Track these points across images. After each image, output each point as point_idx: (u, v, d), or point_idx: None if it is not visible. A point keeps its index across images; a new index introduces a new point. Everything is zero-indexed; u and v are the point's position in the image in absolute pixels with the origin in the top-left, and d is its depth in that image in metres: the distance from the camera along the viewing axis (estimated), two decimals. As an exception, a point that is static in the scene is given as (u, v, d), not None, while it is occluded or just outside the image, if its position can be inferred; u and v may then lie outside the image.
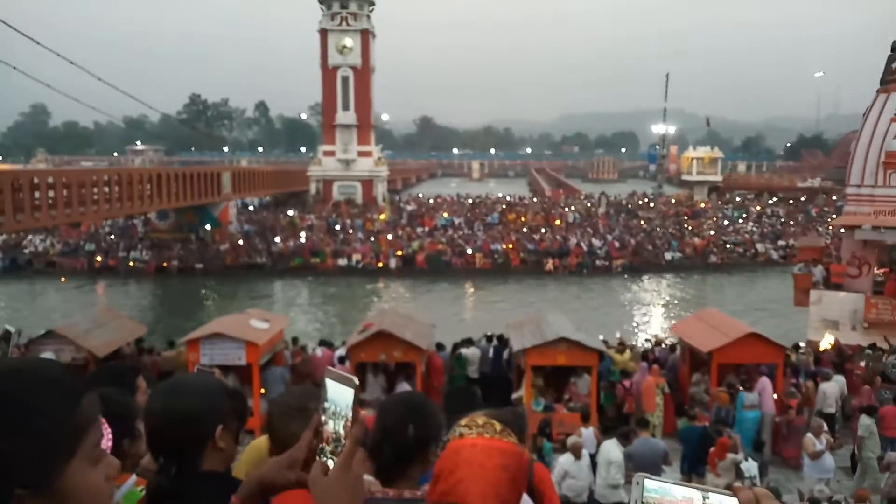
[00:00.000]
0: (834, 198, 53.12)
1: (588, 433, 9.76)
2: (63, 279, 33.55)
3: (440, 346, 14.58)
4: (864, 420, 10.02)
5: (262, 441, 3.00)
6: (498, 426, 1.63)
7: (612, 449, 8.56)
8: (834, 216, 39.82)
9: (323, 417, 1.29)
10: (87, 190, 27.70)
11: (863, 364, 13.63)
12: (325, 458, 1.27)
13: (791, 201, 56.90)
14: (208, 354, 12.01)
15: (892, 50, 19.31)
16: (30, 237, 37.43)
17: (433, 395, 12.63)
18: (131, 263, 35.22)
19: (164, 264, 34.82)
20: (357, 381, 1.29)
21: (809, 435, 9.35)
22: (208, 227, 38.80)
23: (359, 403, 1.28)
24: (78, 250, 36.75)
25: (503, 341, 14.63)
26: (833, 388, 12.43)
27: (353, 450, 1.23)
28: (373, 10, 51.18)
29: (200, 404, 1.99)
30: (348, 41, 49.85)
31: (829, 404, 12.23)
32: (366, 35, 50.17)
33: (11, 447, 1.04)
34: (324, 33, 49.99)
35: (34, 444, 1.06)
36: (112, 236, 39.39)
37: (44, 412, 1.08)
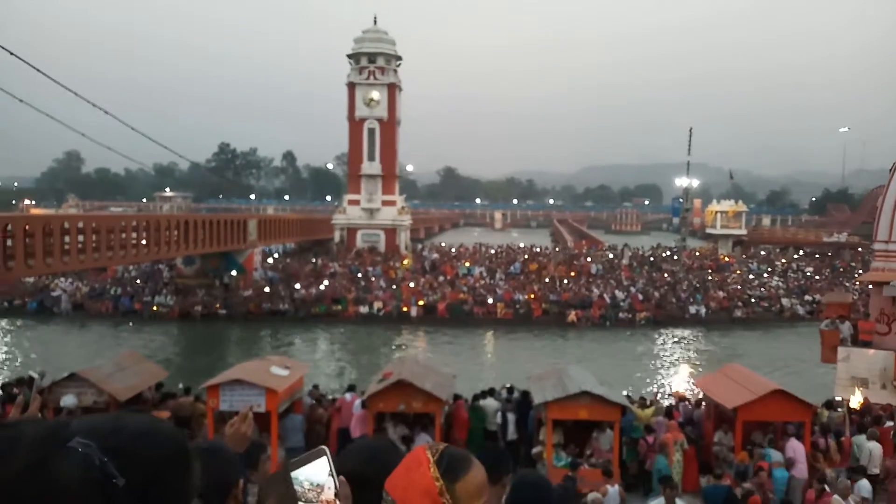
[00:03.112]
0: (861, 250, 52.41)
1: (614, 491, 9.57)
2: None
3: (458, 397, 14.40)
4: None
5: None
6: (440, 446, 1.70)
7: None
8: (861, 272, 39.27)
9: None
10: (115, 235, 28.23)
11: (892, 424, 13.26)
12: None
13: (817, 256, 56.24)
14: (228, 400, 12.02)
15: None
16: (57, 280, 37.99)
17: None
18: (155, 308, 35.56)
19: (188, 309, 35.13)
20: (326, 448, 1.33)
21: (836, 497, 9.08)
22: (233, 273, 39.18)
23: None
24: (104, 294, 37.22)
25: (527, 395, 14.41)
26: (878, 448, 11.89)
27: None
28: (400, 64, 52.30)
29: None
30: (375, 94, 50.84)
31: (875, 465, 11.75)
32: (392, 89, 51.17)
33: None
34: (352, 87, 51.09)
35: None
36: (138, 281, 39.89)
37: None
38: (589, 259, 47.28)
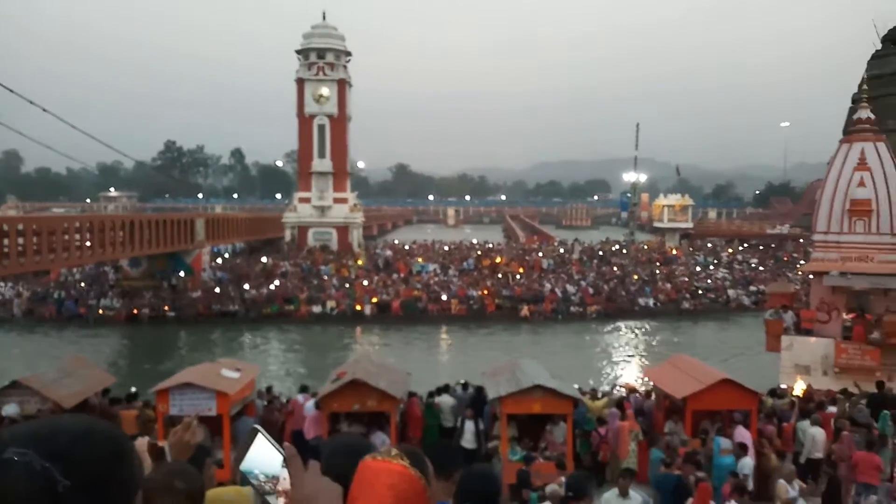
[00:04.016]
0: (802, 242, 54.05)
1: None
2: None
3: (412, 395, 14.38)
4: None
5: (215, 493, 2.98)
6: (393, 451, 1.70)
7: (612, 500, 8.55)
8: (803, 262, 40.50)
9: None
10: (57, 237, 27.38)
11: (834, 409, 13.71)
12: None
13: (761, 248, 57.83)
14: (178, 405, 11.77)
15: (853, 102, 19.99)
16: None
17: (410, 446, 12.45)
18: (101, 311, 34.63)
19: (135, 312, 34.29)
20: (257, 427, 1.33)
21: (782, 481, 9.34)
22: (181, 274, 38.41)
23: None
24: (46, 298, 36.07)
25: (482, 390, 14.48)
26: (821, 433, 12.21)
27: None
28: (349, 60, 51.90)
29: None
30: (325, 91, 50.39)
31: (818, 449, 12.08)
32: (342, 84, 50.77)
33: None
34: (300, 82, 50.52)
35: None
36: (82, 283, 38.78)
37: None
38: (541, 254, 47.72)
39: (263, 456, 1.31)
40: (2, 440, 1.05)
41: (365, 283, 38.82)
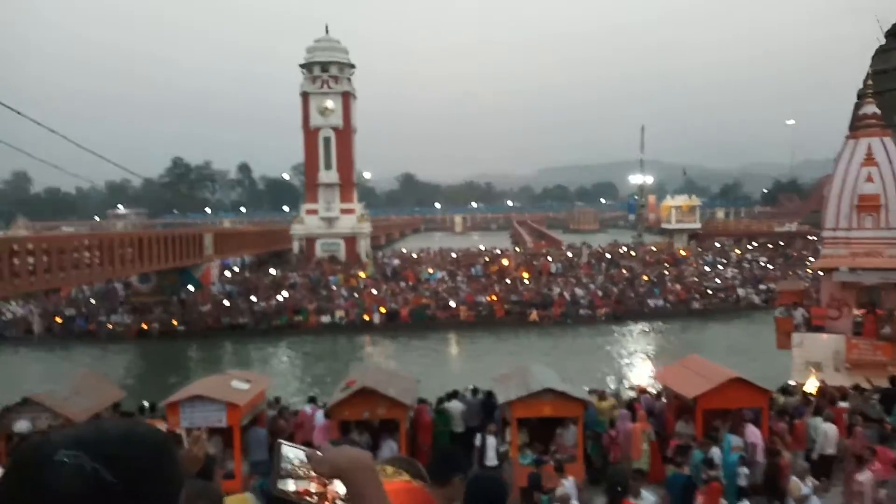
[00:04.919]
0: (811, 239, 53.81)
1: (569, 483, 9.68)
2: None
3: (422, 401, 14.37)
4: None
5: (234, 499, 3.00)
6: (389, 469, 1.69)
7: None
8: (812, 259, 40.30)
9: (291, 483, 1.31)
10: (67, 255, 27.54)
11: (846, 405, 13.62)
12: None
13: (770, 246, 57.56)
14: (188, 417, 11.81)
15: (859, 97, 19.91)
16: (8, 305, 36.94)
17: (419, 454, 12.45)
18: (111, 326, 34.79)
19: (145, 327, 34.43)
20: (280, 441, 1.34)
21: (794, 478, 9.29)
22: (190, 288, 38.57)
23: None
24: (57, 316, 36.24)
25: (492, 395, 14.45)
26: (833, 429, 12.15)
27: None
28: (353, 72, 52.20)
29: None
30: (329, 103, 50.66)
31: (830, 445, 12.00)
32: (347, 97, 51.04)
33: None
34: (305, 96, 50.83)
35: None
36: (92, 300, 38.98)
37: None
38: (549, 258, 47.67)
39: (291, 456, 1.32)
40: (51, 443, 1.09)
41: (373, 291, 38.87)
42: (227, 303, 37.34)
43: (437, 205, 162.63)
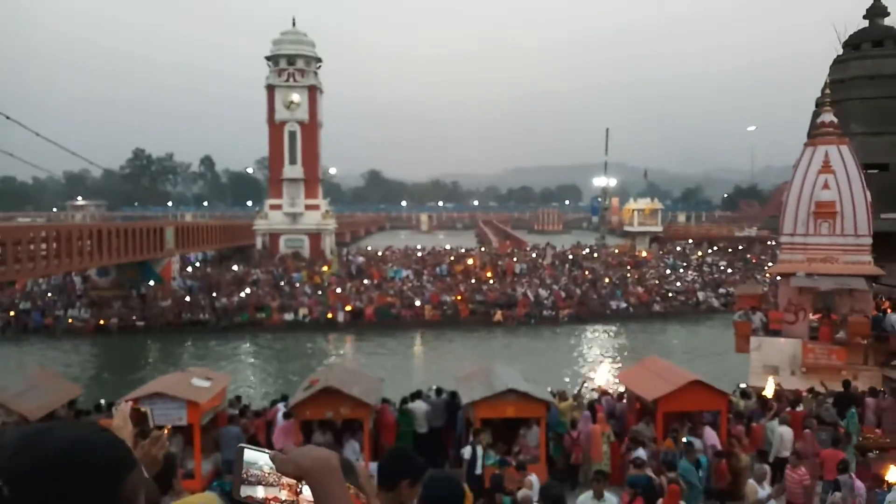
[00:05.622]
0: (770, 244, 54.89)
1: (534, 478, 9.82)
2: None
3: (385, 401, 14.29)
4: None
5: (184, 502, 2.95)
6: None
7: (586, 502, 8.61)
8: (770, 264, 41.14)
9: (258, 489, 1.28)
10: (22, 247, 26.86)
11: (801, 408, 13.93)
12: None
13: (730, 250, 58.63)
14: (148, 415, 11.59)
15: (817, 105, 20.34)
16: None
17: (383, 454, 12.38)
18: (70, 321, 34.03)
19: (103, 322, 33.74)
20: (241, 445, 1.30)
21: (752, 481, 9.47)
22: (151, 283, 37.91)
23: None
24: (12, 309, 35.33)
25: (456, 395, 14.44)
26: (789, 432, 12.34)
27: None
28: (320, 66, 51.77)
29: None
30: (295, 97, 50.19)
31: (786, 448, 12.23)
32: (313, 91, 50.61)
33: None
34: (271, 89, 50.28)
35: None
36: (49, 294, 38.07)
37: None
38: (514, 259, 47.91)
39: (255, 460, 1.29)
40: None
41: (338, 290, 38.63)
42: (188, 298, 36.79)
43: (404, 203, 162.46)
